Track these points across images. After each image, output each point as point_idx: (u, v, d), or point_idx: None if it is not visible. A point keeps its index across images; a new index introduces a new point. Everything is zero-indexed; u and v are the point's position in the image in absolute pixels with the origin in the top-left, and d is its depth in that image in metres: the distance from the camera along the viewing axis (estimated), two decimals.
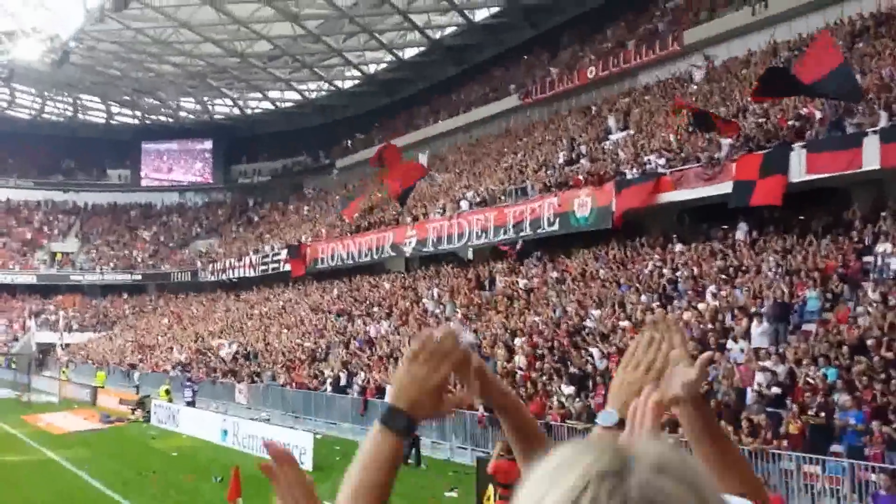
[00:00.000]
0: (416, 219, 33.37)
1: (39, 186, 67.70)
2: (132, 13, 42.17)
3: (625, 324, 18.68)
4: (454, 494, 14.80)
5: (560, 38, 40.65)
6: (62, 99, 63.27)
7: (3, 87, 58.41)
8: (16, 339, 55.25)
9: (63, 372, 42.81)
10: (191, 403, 28.03)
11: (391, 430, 1.33)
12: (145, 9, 42.53)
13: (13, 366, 45.92)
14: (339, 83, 54.83)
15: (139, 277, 59.35)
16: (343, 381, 25.13)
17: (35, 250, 62.09)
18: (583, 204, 24.17)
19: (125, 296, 59.79)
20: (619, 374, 1.54)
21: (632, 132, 27.65)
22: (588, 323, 20.04)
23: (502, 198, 29.18)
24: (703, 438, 1.48)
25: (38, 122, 66.83)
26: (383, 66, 51.28)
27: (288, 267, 40.92)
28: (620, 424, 1.46)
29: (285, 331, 34.55)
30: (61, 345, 52.07)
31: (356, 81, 53.97)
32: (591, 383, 17.55)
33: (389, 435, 1.33)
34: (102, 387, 36.11)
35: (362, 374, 24.78)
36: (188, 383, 29.52)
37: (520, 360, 20.10)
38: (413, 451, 17.58)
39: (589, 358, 18.26)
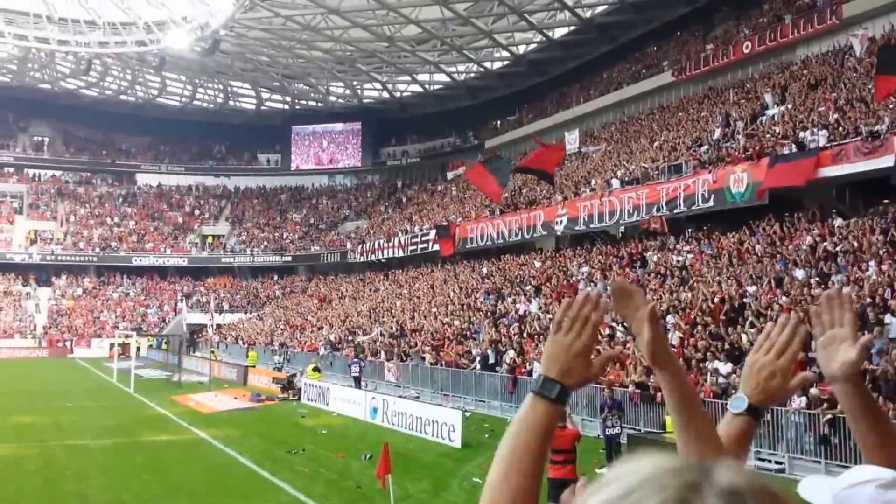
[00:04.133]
0: (566, 198, 35.32)
1: (191, 171, 74.68)
2: (282, 0, 45.62)
3: (783, 299, 19.38)
4: (605, 472, 15.75)
5: (715, 13, 41.50)
6: (212, 86, 68.94)
7: (155, 75, 64.25)
8: (166, 322, 60.27)
9: (212, 352, 45.21)
10: (357, 379, 30.23)
11: (544, 398, 1.41)
12: None
13: (164, 347, 49.34)
14: (487, 64, 57.15)
15: (289, 259, 64.32)
16: (492, 360, 26.20)
17: (187, 234, 68.33)
18: (738, 180, 25.42)
19: (275, 277, 65.03)
20: (750, 356, 1.61)
21: (789, 107, 28.58)
22: (745, 299, 20.78)
23: (655, 175, 30.69)
24: (860, 415, 1.60)
25: (188, 109, 73.24)
26: (533, 46, 53.18)
27: (437, 247, 43.62)
28: (750, 410, 1.57)
29: (434, 310, 36.68)
30: (212, 326, 56.14)
31: (505, 62, 56.22)
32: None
33: (542, 402, 1.40)
34: (253, 366, 38.30)
35: (511, 352, 25.84)
36: (356, 360, 31.85)
37: (673, 337, 20.79)
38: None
39: (746, 335, 18.79)
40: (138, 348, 45.97)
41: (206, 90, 70.33)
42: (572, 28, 49.83)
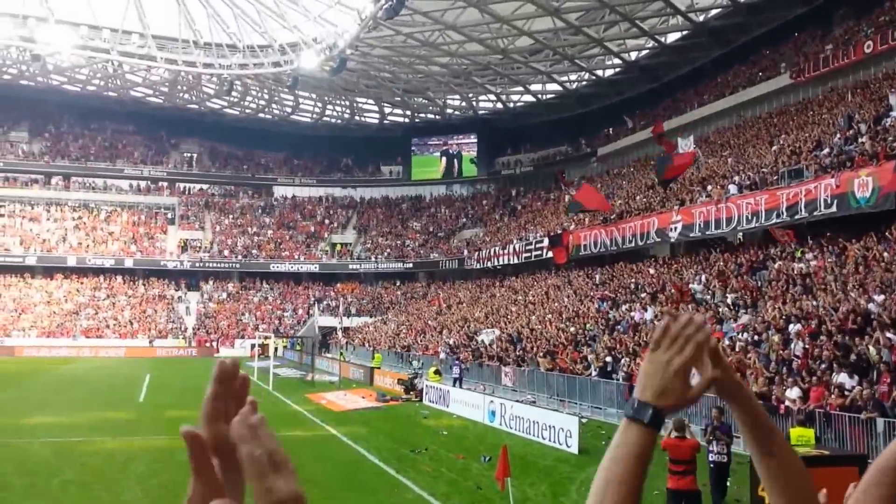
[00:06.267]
0: (682, 203, 34.15)
1: (321, 183, 77.42)
2: (402, 19, 46.16)
3: None
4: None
5: (833, 12, 39.29)
6: (340, 102, 70.75)
7: (288, 94, 66.59)
8: (300, 324, 62.12)
9: (341, 354, 46.98)
10: (458, 380, 30.62)
11: (637, 423, 1.31)
12: (415, 14, 46.76)
13: (298, 348, 50.75)
14: (599, 72, 56.22)
15: (410, 265, 65.31)
16: (609, 367, 25.54)
17: (318, 242, 70.42)
18: (863, 184, 23.77)
19: (397, 283, 66.13)
20: None
21: None
22: (871, 308, 19.38)
23: (774, 180, 29.23)
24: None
25: (318, 125, 75.75)
26: (645, 52, 51.96)
27: (550, 254, 43.01)
28: None
29: (549, 316, 36.17)
30: (341, 328, 57.22)
31: (617, 69, 55.13)
32: (874, 373, 16.77)
33: (636, 428, 1.30)
34: (378, 368, 39.09)
35: (627, 359, 25.13)
36: (457, 362, 32.29)
37: (796, 346, 19.81)
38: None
39: (873, 346, 17.54)
40: (276, 349, 47.72)
41: (335, 107, 72.15)
42: (685, 33, 48.30)
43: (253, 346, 49.47)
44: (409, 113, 71.77)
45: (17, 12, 53.21)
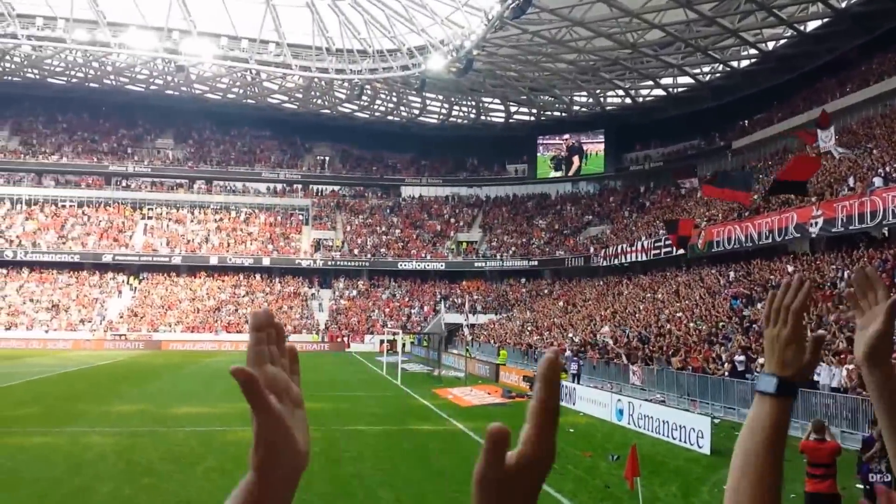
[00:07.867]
0: (821, 197, 32.52)
1: (447, 183, 78.72)
2: (529, 18, 45.88)
3: None
4: None
5: None
6: (466, 103, 71.38)
7: (416, 96, 67.89)
8: (427, 321, 63.51)
9: (467, 350, 47.19)
10: (576, 376, 30.47)
11: (765, 395, 1.34)
12: (541, 12, 46.37)
13: (425, 344, 51.56)
14: (734, 64, 54.14)
15: (535, 263, 65.28)
16: (741, 367, 24.51)
17: (444, 240, 71.50)
18: None
19: (522, 280, 66.20)
20: None
21: None
22: None
23: None
24: (880, 403, 1.51)
25: (445, 126, 76.61)
26: (782, 41, 49.63)
27: (681, 251, 41.91)
28: None
29: (679, 314, 35.40)
30: (466, 325, 57.35)
31: (752, 60, 52.93)
32: None
33: (764, 399, 1.34)
34: (504, 364, 39.26)
35: (762, 359, 24.26)
36: (574, 358, 32.31)
37: None
38: None
39: None
40: (403, 345, 48.82)
41: (461, 107, 72.78)
42: (825, 20, 45.79)
43: (382, 341, 50.95)
44: (534, 111, 71.34)
45: (162, 26, 56.75)
